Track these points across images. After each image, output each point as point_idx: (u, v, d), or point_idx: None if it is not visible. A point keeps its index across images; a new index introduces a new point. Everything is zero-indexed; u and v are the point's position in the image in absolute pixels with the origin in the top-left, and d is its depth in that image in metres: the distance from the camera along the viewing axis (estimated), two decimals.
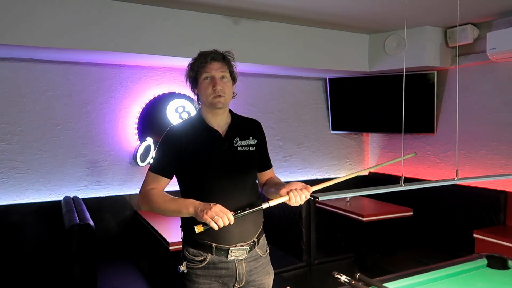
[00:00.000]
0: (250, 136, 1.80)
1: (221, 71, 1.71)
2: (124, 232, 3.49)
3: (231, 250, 1.68)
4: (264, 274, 1.80)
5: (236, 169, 1.73)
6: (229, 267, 1.70)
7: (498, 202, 3.39)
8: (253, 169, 1.84)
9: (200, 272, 1.70)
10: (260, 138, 1.85)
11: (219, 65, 1.72)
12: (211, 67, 1.70)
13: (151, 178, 1.73)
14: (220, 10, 3.18)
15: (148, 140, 3.54)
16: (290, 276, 3.12)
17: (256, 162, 1.84)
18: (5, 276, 3.02)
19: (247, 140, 1.78)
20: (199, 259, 1.70)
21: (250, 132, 1.82)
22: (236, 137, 1.76)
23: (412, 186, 1.82)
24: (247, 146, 1.77)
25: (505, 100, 3.48)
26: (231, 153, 1.73)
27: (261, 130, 1.89)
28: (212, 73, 1.70)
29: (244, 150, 1.76)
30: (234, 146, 1.74)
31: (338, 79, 4.42)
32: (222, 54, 1.76)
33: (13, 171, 3.17)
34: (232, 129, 1.78)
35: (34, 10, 2.68)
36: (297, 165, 4.45)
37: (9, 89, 3.14)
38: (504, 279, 1.75)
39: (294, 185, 1.64)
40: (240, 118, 1.86)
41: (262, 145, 1.87)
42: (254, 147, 1.79)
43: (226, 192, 1.69)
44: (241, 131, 1.79)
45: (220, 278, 1.71)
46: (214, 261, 1.69)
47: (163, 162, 1.73)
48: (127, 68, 3.53)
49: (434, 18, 3.43)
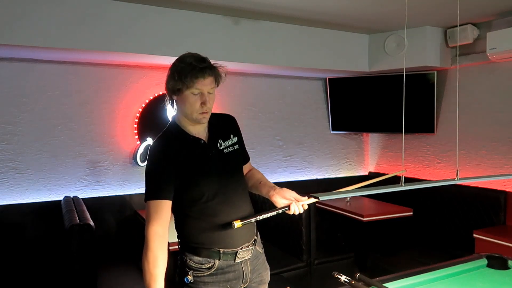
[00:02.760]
0: (230, 134, 1.76)
1: (211, 86, 1.59)
2: (124, 232, 3.49)
3: (239, 252, 1.67)
4: (264, 270, 1.80)
5: (229, 172, 1.71)
6: (236, 269, 1.68)
7: (498, 202, 3.39)
8: (241, 167, 1.82)
9: (208, 279, 1.65)
10: (238, 134, 1.81)
11: (211, 80, 1.58)
12: (204, 83, 1.55)
13: (152, 209, 1.55)
14: (220, 10, 3.18)
15: (148, 140, 3.55)
16: (290, 276, 3.12)
17: (241, 159, 1.83)
18: (5, 276, 3.02)
19: (229, 140, 1.74)
20: (206, 266, 1.65)
21: (229, 130, 1.77)
22: (219, 139, 1.72)
23: (412, 186, 1.82)
24: (231, 145, 1.74)
25: (505, 100, 3.48)
26: (219, 158, 1.69)
27: (237, 124, 1.84)
28: (203, 89, 1.56)
29: (230, 151, 1.73)
30: (220, 149, 1.70)
31: (338, 79, 4.42)
32: (215, 67, 1.60)
33: (13, 171, 3.17)
34: (212, 132, 1.71)
35: (34, 10, 2.68)
36: (297, 165, 4.44)
37: (9, 89, 3.14)
38: (504, 279, 1.75)
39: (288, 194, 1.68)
40: (214, 116, 1.74)
41: (241, 140, 1.83)
42: (237, 145, 1.77)
43: (226, 197, 1.67)
44: (221, 131, 1.75)
45: (228, 282, 1.68)
46: (222, 266, 1.66)
47: (160, 184, 1.57)
48: (127, 68, 3.53)
49: (434, 18, 3.43)
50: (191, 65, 1.55)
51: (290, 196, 1.68)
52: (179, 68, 1.56)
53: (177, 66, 1.58)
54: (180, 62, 1.58)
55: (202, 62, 1.57)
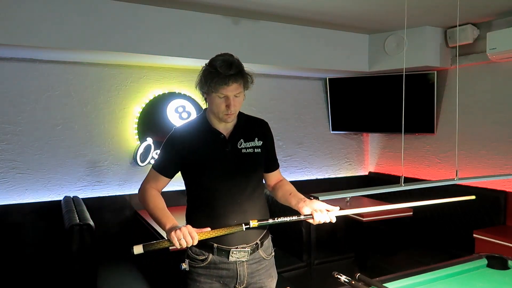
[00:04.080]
0: (255, 138, 1.77)
1: (237, 91, 1.63)
2: (124, 232, 3.49)
3: (232, 252, 1.68)
4: (266, 277, 1.79)
5: (239, 172, 1.71)
6: (230, 268, 1.69)
7: (498, 202, 3.39)
8: (258, 171, 1.81)
9: (202, 271, 1.70)
10: (266, 139, 1.81)
11: (236, 86, 1.62)
12: (228, 89, 1.60)
13: (152, 175, 1.76)
14: (220, 10, 3.18)
15: (148, 140, 3.54)
16: (290, 276, 3.12)
17: (261, 163, 1.81)
18: (5, 276, 3.02)
19: (252, 142, 1.75)
20: (200, 258, 1.70)
21: (255, 133, 1.78)
22: (241, 139, 1.74)
23: (412, 186, 1.82)
24: (252, 148, 1.74)
25: (505, 100, 3.48)
26: (234, 155, 1.71)
27: (268, 130, 1.86)
28: (229, 94, 1.61)
29: (249, 152, 1.73)
30: (238, 148, 1.72)
31: (338, 79, 4.42)
32: (242, 73, 1.63)
33: (13, 171, 3.17)
34: (237, 131, 1.75)
35: (34, 11, 2.68)
36: (297, 165, 4.44)
37: (9, 89, 3.14)
38: (504, 279, 1.75)
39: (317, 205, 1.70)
40: (246, 118, 1.81)
41: (268, 146, 1.83)
42: (259, 149, 1.76)
43: (230, 194, 1.68)
44: (246, 132, 1.76)
45: (221, 278, 1.71)
46: (215, 261, 1.69)
47: (164, 161, 1.75)
48: (127, 68, 3.53)
49: (434, 18, 3.43)
50: (217, 72, 1.58)
51: (318, 207, 1.70)
52: (207, 72, 1.62)
53: (206, 70, 1.64)
54: (209, 66, 1.63)
55: (228, 68, 1.58)
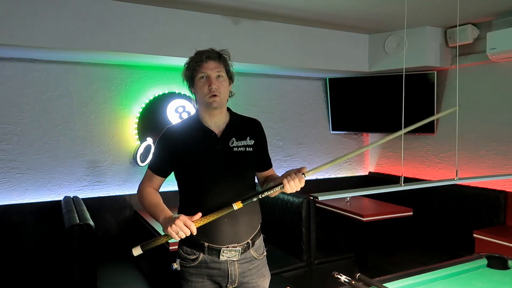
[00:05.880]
0: (247, 137, 1.78)
1: (217, 70, 1.70)
2: (124, 232, 3.49)
3: (223, 251, 1.68)
4: (259, 277, 1.78)
5: (231, 170, 1.72)
6: (221, 267, 1.70)
7: (498, 202, 3.39)
8: (250, 170, 1.82)
9: (193, 271, 1.72)
10: (258, 139, 1.82)
11: (215, 64, 1.71)
12: (206, 66, 1.69)
13: (147, 176, 1.80)
14: (220, 10, 3.18)
15: (148, 140, 3.55)
16: (290, 276, 3.12)
17: (253, 162, 1.81)
18: (5, 276, 3.02)
19: (243, 141, 1.76)
20: (191, 257, 1.71)
21: (248, 132, 1.80)
22: (233, 138, 1.75)
23: (412, 186, 1.82)
24: (243, 146, 1.75)
25: (505, 100, 3.48)
26: (226, 154, 1.72)
27: (261, 130, 1.87)
28: (208, 72, 1.69)
29: (240, 151, 1.74)
30: (230, 146, 1.73)
31: (338, 79, 4.42)
32: (218, 53, 1.74)
33: (13, 171, 3.17)
34: (229, 129, 1.76)
35: (34, 11, 2.68)
36: (297, 165, 4.43)
37: (9, 89, 3.14)
38: (504, 279, 1.75)
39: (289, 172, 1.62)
40: (239, 117, 1.84)
41: (261, 145, 1.84)
42: (251, 148, 1.77)
43: (221, 193, 1.68)
44: (239, 131, 1.78)
45: (212, 277, 1.72)
46: (206, 261, 1.70)
47: (158, 161, 1.78)
48: (127, 68, 3.53)
49: (434, 18, 3.43)
50: (197, 53, 1.74)
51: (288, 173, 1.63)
52: (189, 60, 1.76)
53: (188, 59, 1.76)
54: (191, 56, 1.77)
55: (208, 51, 1.73)
